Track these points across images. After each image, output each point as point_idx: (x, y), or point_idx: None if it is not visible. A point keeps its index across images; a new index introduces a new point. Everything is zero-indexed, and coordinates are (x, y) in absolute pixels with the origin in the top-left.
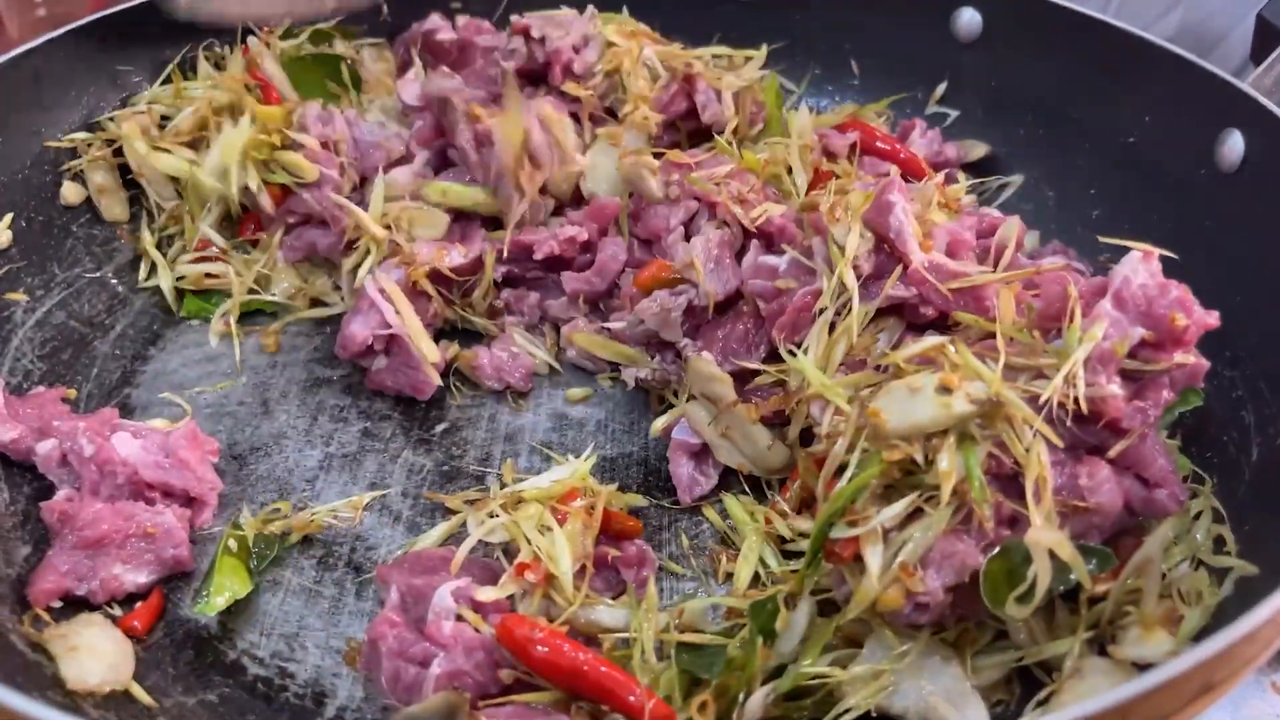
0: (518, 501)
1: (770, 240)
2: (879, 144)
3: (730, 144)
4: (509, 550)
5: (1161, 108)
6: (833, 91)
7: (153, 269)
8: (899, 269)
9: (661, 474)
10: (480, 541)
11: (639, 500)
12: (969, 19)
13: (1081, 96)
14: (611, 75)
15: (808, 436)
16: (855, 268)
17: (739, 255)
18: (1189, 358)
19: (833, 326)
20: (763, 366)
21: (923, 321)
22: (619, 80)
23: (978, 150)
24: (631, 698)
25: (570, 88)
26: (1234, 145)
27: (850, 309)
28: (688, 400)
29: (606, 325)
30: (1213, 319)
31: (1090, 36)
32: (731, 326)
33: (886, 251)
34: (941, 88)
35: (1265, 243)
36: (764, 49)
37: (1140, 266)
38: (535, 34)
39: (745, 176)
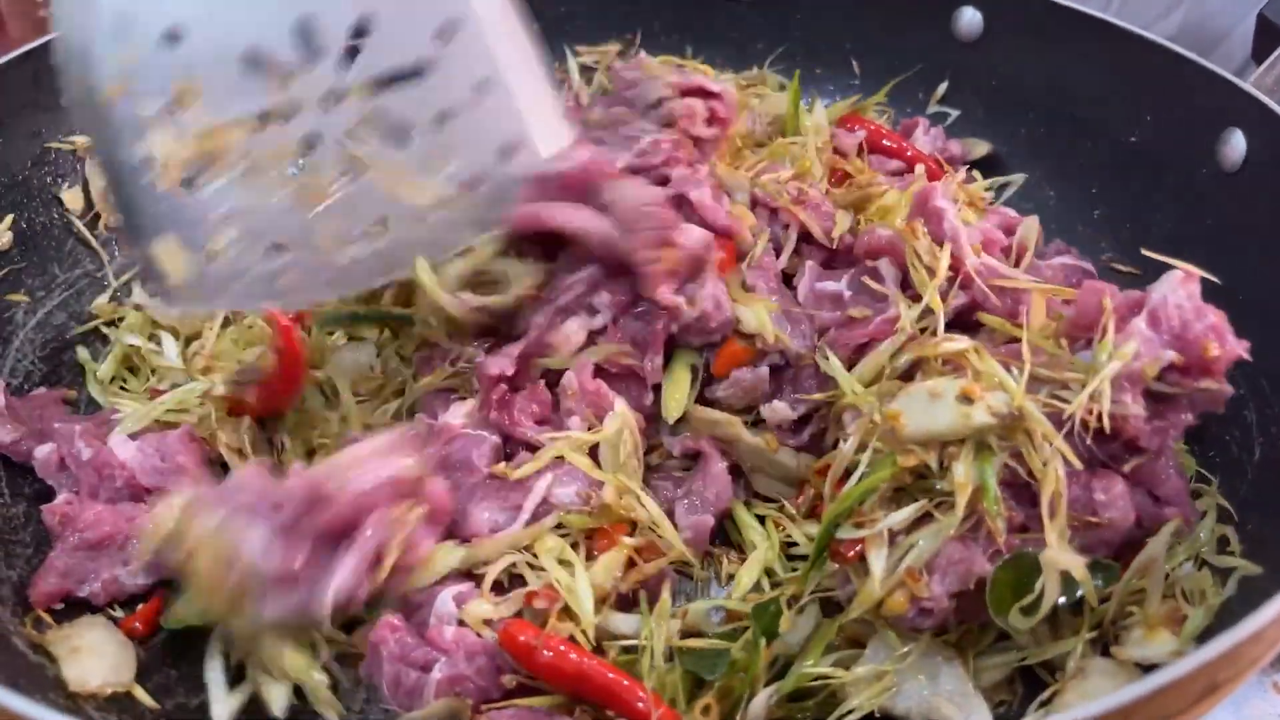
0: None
1: (834, 256)
2: (886, 142)
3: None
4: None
5: (1163, 107)
6: (834, 91)
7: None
8: (958, 278)
9: None
10: None
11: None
12: (970, 18)
13: (1082, 96)
14: None
15: (814, 441)
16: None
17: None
18: (1215, 385)
19: None
20: (820, 397)
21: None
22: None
23: (980, 148)
24: (639, 703)
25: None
26: (1236, 145)
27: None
28: None
29: None
30: (1243, 350)
31: (1091, 35)
32: (797, 374)
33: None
34: (943, 87)
35: (1267, 242)
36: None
37: (1179, 287)
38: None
39: (807, 179)
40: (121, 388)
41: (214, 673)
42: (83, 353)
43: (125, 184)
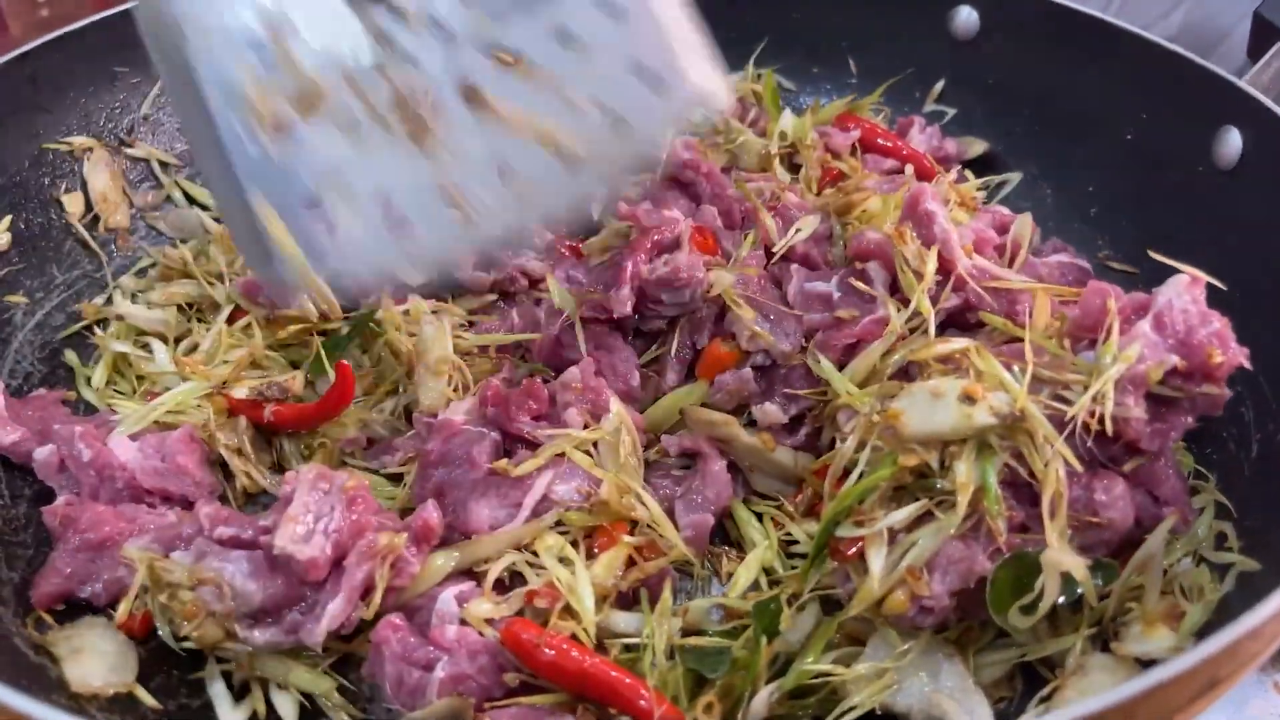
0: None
1: (805, 259)
2: (880, 141)
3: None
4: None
5: (1159, 105)
6: (831, 90)
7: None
8: (950, 280)
9: None
10: None
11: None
12: (966, 17)
13: (1079, 94)
14: None
15: (811, 439)
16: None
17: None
18: (1216, 390)
19: None
20: (815, 393)
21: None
22: None
23: (977, 147)
24: (641, 701)
25: None
26: (1232, 142)
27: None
28: None
29: None
30: (1244, 358)
31: (1087, 34)
32: (787, 373)
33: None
34: (939, 86)
35: (1263, 239)
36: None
37: (1184, 291)
38: None
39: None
40: (116, 391)
41: (217, 688)
42: (71, 356)
43: (216, 126)
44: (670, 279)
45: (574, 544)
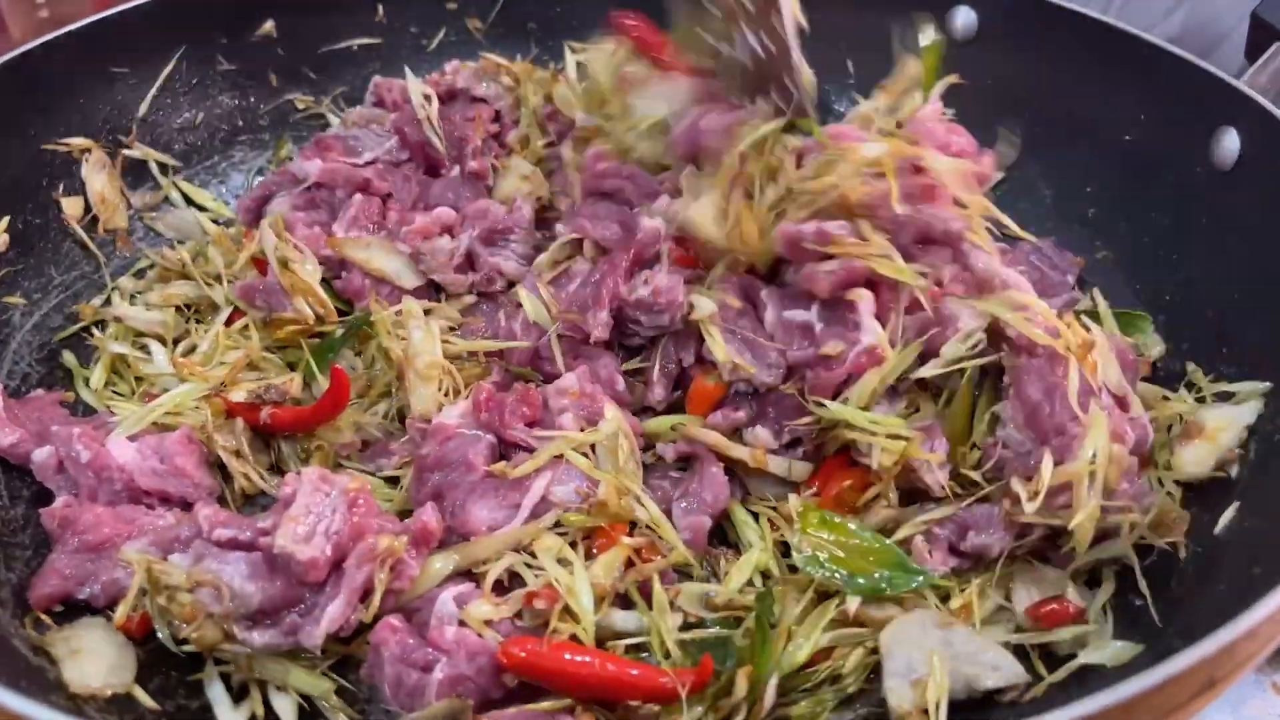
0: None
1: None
2: None
3: None
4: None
5: (1157, 106)
6: (829, 91)
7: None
8: None
9: None
10: None
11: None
12: (964, 18)
13: (1077, 95)
14: None
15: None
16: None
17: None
18: None
19: None
20: (811, 422)
21: None
22: None
23: None
24: (664, 680)
25: None
26: (1230, 143)
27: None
28: None
29: None
30: None
31: (1084, 34)
32: (778, 398)
33: None
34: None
35: (1262, 239)
36: None
37: None
38: None
39: None
40: (114, 392)
41: (216, 690)
42: (69, 357)
43: None
44: (649, 303)
45: (573, 545)
